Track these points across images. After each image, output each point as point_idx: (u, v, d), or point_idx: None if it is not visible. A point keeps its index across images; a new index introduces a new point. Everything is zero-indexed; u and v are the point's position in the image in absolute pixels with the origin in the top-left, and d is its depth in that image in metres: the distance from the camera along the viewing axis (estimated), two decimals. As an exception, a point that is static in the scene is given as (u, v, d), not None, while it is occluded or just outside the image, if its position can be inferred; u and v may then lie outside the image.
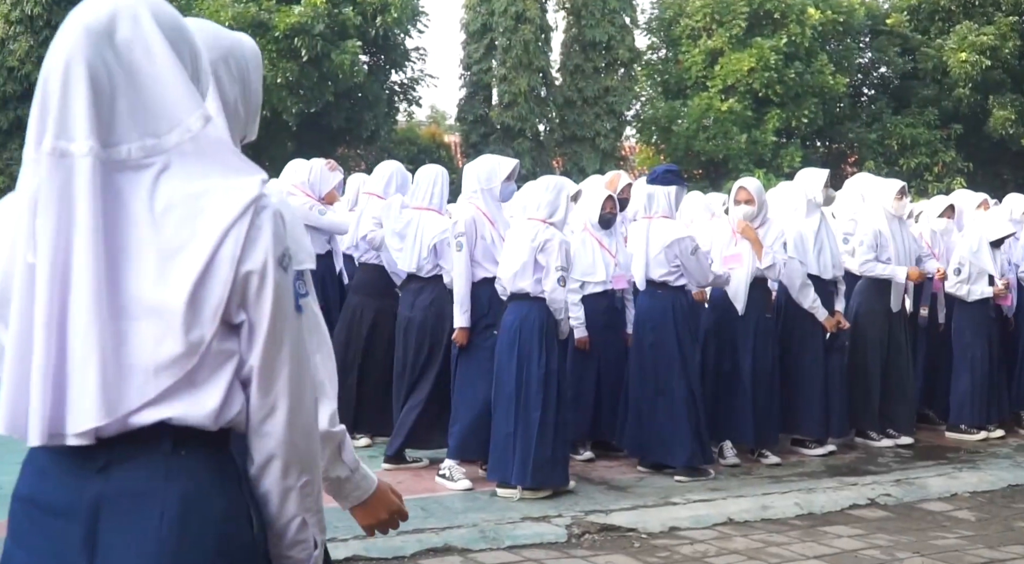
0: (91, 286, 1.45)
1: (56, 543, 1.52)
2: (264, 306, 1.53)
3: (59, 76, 1.51)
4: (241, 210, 1.51)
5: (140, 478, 1.51)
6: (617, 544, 5.18)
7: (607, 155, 26.05)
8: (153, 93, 1.54)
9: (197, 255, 1.48)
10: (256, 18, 21.07)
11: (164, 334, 1.48)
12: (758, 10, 24.21)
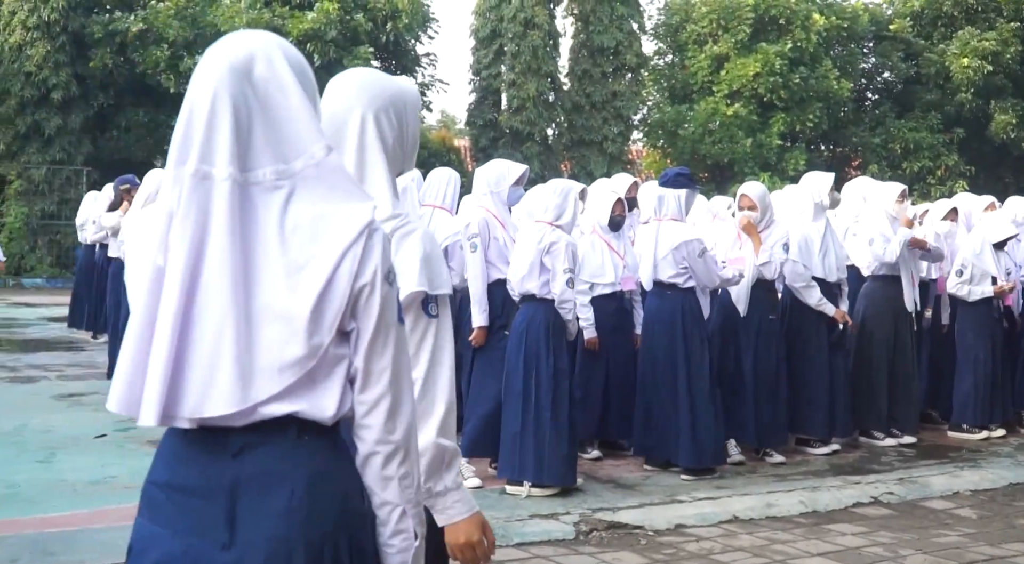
0: (228, 291, 1.64)
1: (199, 520, 1.69)
2: (371, 314, 1.74)
3: (206, 107, 1.70)
4: (357, 233, 1.71)
5: (271, 461, 1.70)
6: (624, 541, 5.18)
7: (614, 159, 26.03)
8: (284, 124, 1.74)
9: (320, 271, 1.68)
10: (270, 24, 21.12)
11: (289, 338, 1.67)
12: (763, 16, 24.21)
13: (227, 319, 1.64)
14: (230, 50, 1.78)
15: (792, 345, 7.23)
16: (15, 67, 23.06)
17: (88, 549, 4.60)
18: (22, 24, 23.03)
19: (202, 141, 1.69)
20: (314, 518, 1.71)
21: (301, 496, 1.70)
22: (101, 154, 23.94)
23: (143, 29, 22.86)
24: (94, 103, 23.98)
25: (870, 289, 7.77)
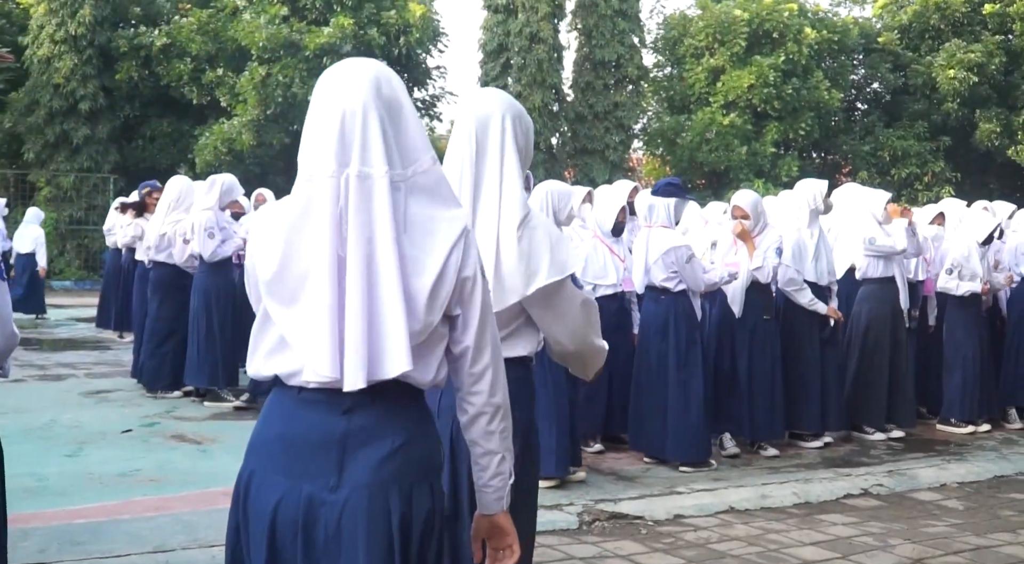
0: (395, 275, 1.89)
1: (312, 466, 1.94)
2: (476, 302, 2.03)
3: (359, 118, 1.94)
4: (459, 234, 1.99)
5: (375, 419, 1.97)
6: (625, 531, 5.17)
7: (616, 166, 26.02)
8: (406, 136, 2.01)
9: (434, 263, 1.95)
10: (288, 39, 21.15)
11: (410, 315, 1.91)
12: (757, 30, 24.20)
13: (398, 300, 1.89)
14: (361, 71, 2.01)
15: (786, 343, 7.22)
16: (44, 79, 23.12)
17: (114, 539, 4.60)
18: (50, 38, 23.09)
19: (360, 148, 1.92)
20: (407, 466, 1.97)
21: (397, 448, 1.96)
22: (127, 162, 23.98)
23: (167, 43, 22.90)
24: (120, 114, 24.03)
25: (870, 291, 7.73)
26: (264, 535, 1.97)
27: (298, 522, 1.94)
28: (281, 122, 21.91)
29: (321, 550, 1.93)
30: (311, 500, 1.93)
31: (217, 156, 21.55)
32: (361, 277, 1.88)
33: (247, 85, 21.41)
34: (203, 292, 8.30)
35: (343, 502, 1.92)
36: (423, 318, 1.93)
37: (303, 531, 1.94)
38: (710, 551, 4.89)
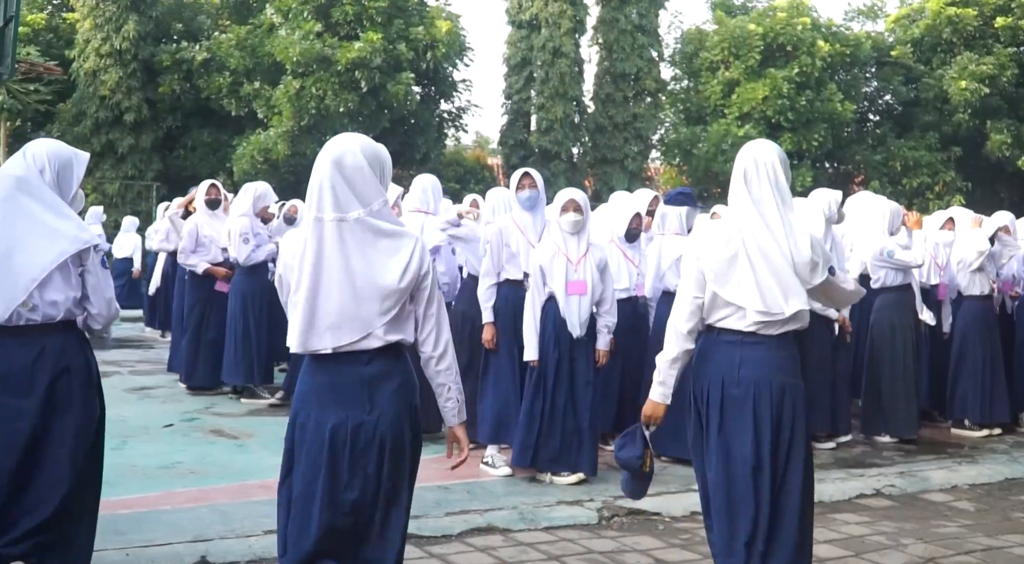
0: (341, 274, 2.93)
1: (350, 399, 2.95)
2: (426, 288, 3.03)
3: (329, 181, 2.93)
4: (414, 247, 2.99)
5: (386, 365, 2.99)
6: (643, 526, 5.15)
7: (634, 175, 25.98)
8: (363, 187, 2.94)
9: (399, 265, 2.95)
10: (320, 54, 21.24)
11: (386, 298, 2.94)
12: (771, 44, 24.09)
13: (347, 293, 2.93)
14: (336, 147, 2.98)
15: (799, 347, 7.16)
16: (91, 91, 23.33)
17: (156, 529, 4.63)
18: (96, 52, 23.30)
19: (331, 200, 2.91)
20: (407, 395, 3.02)
21: (399, 384, 3.00)
22: (169, 171, 24.17)
23: (207, 58, 23.06)
24: (163, 125, 24.22)
25: (889, 300, 7.59)
26: (326, 448, 2.92)
27: (347, 434, 2.92)
28: (314, 133, 22.00)
29: (362, 449, 2.93)
30: (355, 421, 2.93)
31: (254, 165, 21.67)
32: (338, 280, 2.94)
33: (282, 98, 21.52)
34: (240, 294, 8.35)
35: (376, 420, 2.94)
36: (395, 300, 2.96)
37: (351, 439, 2.92)
38: (726, 546, 4.86)
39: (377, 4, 21.83)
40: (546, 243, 6.05)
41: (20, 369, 3.53)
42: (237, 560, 4.31)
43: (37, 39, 24.22)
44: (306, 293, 2.91)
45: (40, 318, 3.52)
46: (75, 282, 3.57)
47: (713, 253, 3.55)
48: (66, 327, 3.63)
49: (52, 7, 26.82)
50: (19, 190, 3.56)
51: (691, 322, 3.65)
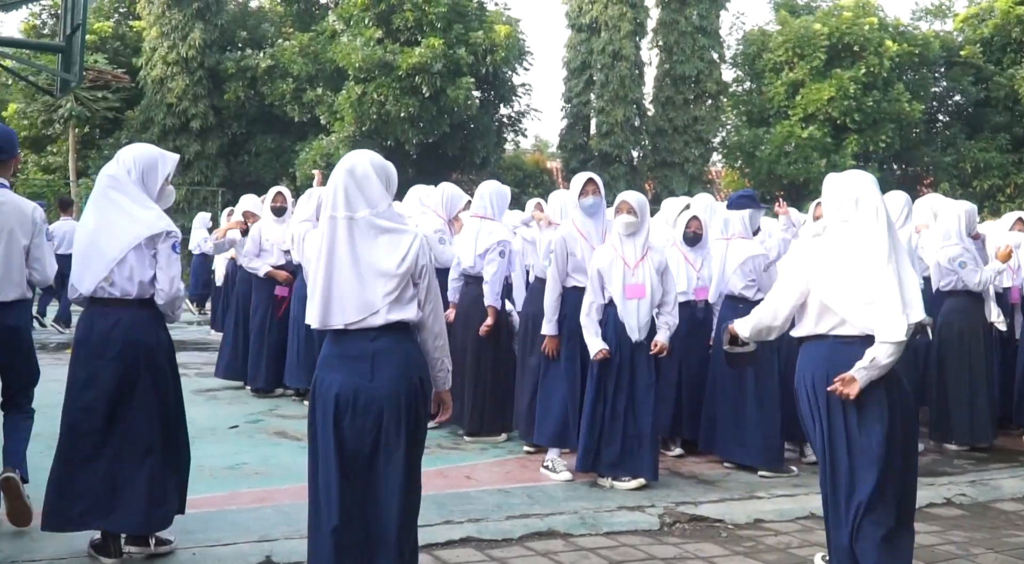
0: (350, 262, 3.42)
1: (356, 369, 3.42)
2: (426, 276, 3.51)
3: (342, 186, 3.46)
4: (414, 239, 3.49)
5: (391, 341, 3.44)
6: (705, 533, 5.11)
7: (695, 179, 25.80)
8: (370, 192, 3.48)
9: (398, 256, 3.44)
10: (382, 59, 21.46)
11: (387, 282, 3.42)
12: (837, 44, 23.76)
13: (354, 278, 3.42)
14: (350, 160, 3.54)
15: None
16: (158, 98, 23.85)
17: (223, 528, 4.71)
18: (163, 60, 23.81)
19: (344, 201, 3.45)
20: (409, 369, 3.46)
21: (404, 358, 3.46)
22: (234, 176, 24.60)
23: (271, 65, 23.44)
24: (228, 131, 24.67)
25: (960, 304, 7.36)
26: (331, 405, 3.41)
27: (350, 397, 3.39)
28: (375, 138, 22.22)
29: (362, 411, 3.38)
30: (357, 386, 3.40)
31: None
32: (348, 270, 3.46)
33: (344, 103, 21.78)
34: (301, 299, 8.41)
35: (375, 387, 3.40)
36: (397, 284, 3.43)
37: (352, 402, 3.39)
38: (791, 556, 4.81)
39: (437, 10, 21.99)
40: (604, 247, 6.04)
41: (99, 336, 4.15)
42: (300, 560, 4.34)
43: (104, 47, 24.83)
44: (322, 278, 3.44)
45: (119, 293, 4.15)
46: (148, 263, 4.16)
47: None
48: (141, 304, 4.19)
49: (119, 15, 27.47)
50: (110, 187, 4.23)
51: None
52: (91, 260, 4.16)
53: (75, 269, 4.20)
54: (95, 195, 4.26)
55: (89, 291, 4.16)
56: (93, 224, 4.21)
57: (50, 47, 16.47)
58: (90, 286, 4.15)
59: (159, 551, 4.29)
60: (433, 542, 4.66)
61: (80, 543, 4.37)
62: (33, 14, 26.09)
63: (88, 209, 4.31)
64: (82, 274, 4.18)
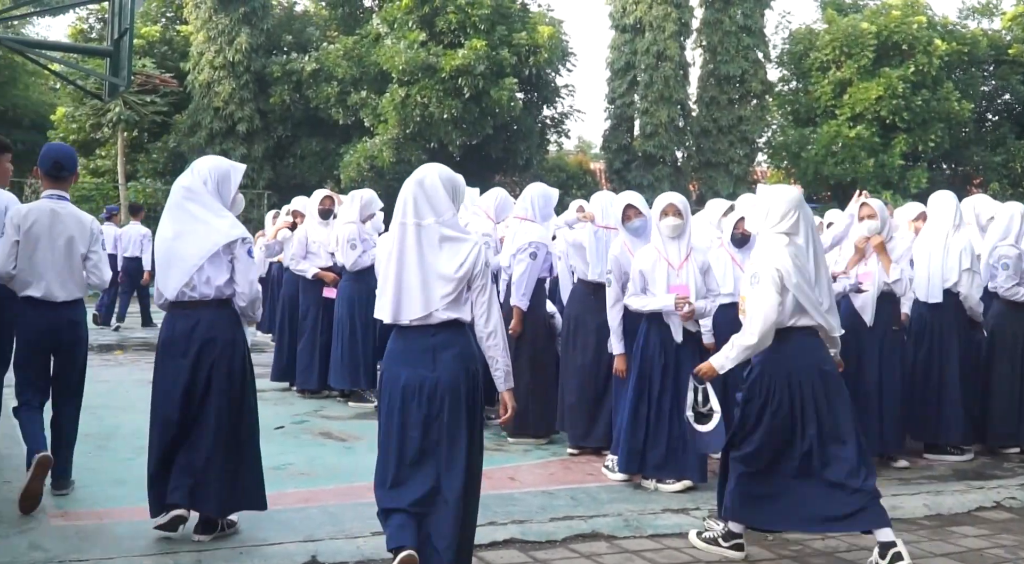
0: (416, 265, 3.80)
1: (419, 361, 3.81)
2: (481, 278, 3.86)
3: (412, 196, 3.86)
4: (473, 246, 3.85)
5: (449, 337, 3.83)
6: (751, 537, 5.06)
7: (740, 179, 25.62)
8: (437, 202, 3.87)
9: (459, 260, 3.81)
10: (425, 62, 21.57)
11: (446, 285, 3.80)
12: (886, 42, 23.47)
13: (419, 279, 3.82)
14: (421, 173, 3.93)
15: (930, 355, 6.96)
16: (205, 102, 24.16)
17: (269, 528, 4.76)
18: (210, 64, 24.11)
19: (412, 210, 3.85)
20: (466, 361, 3.85)
21: (460, 351, 3.84)
22: (279, 179, 24.85)
23: (316, 69, 23.65)
24: (273, 134, 24.93)
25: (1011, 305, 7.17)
26: (399, 395, 3.81)
27: (415, 388, 3.78)
28: (419, 140, 22.34)
29: (427, 399, 3.78)
30: (421, 377, 3.79)
31: (360, 172, 22.12)
32: (416, 271, 3.85)
33: (388, 106, 21.92)
34: (347, 300, 8.52)
35: (436, 378, 3.79)
36: (454, 287, 3.81)
37: (417, 391, 3.78)
38: (838, 560, 4.75)
39: (480, 11, 22.05)
40: (647, 249, 6.02)
41: (180, 335, 4.51)
42: (346, 560, 4.40)
43: (152, 51, 25.21)
44: (392, 278, 3.83)
45: (198, 296, 4.50)
46: (225, 267, 4.51)
47: None
48: (219, 305, 4.56)
49: (166, 20, 27.87)
50: (186, 198, 4.53)
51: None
52: (173, 267, 4.50)
53: (158, 277, 4.57)
54: (172, 205, 4.57)
55: (173, 297, 4.51)
56: (172, 233, 4.53)
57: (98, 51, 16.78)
58: (173, 292, 4.50)
59: (227, 533, 4.61)
60: (477, 543, 4.66)
61: (128, 544, 4.44)
62: (80, 18, 26.56)
63: (165, 219, 4.58)
64: (165, 281, 4.53)
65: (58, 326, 5.17)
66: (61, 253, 5.16)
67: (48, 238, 5.15)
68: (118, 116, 23.21)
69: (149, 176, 24.63)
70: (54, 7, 20.51)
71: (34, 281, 5.12)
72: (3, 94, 26.11)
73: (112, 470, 5.76)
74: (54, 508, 4.98)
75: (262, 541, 4.54)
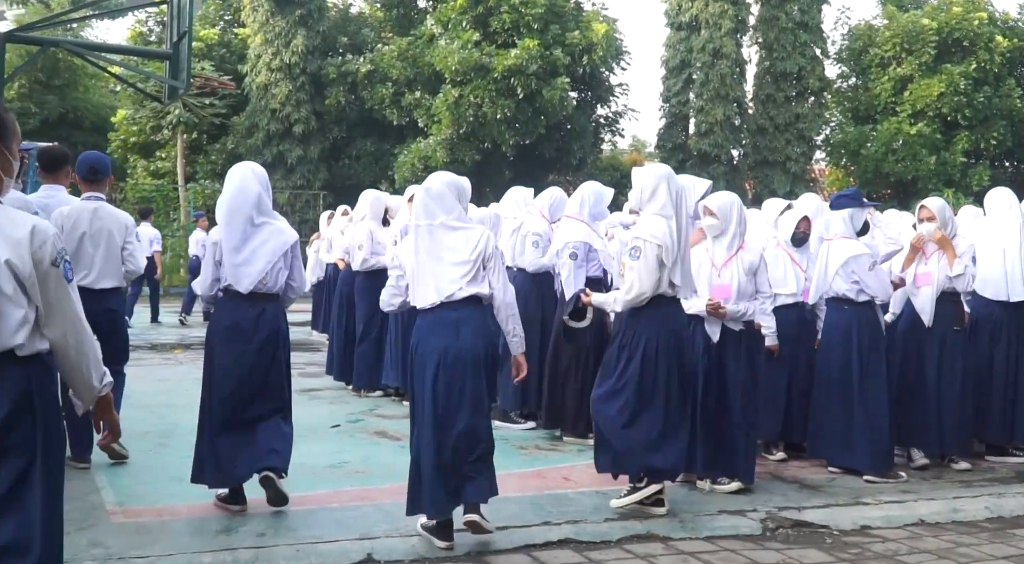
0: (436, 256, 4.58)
1: (445, 331, 4.50)
2: (494, 258, 4.62)
3: (422, 202, 4.65)
4: (483, 232, 4.64)
5: (470, 312, 4.54)
6: (810, 539, 5.00)
7: (797, 178, 25.32)
8: (445, 203, 4.63)
9: (472, 244, 4.59)
10: (478, 62, 21.63)
11: (464, 266, 4.55)
12: (947, 39, 23.05)
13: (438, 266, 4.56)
14: (428, 181, 4.68)
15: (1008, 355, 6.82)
16: (262, 104, 24.47)
17: (325, 525, 4.81)
18: (267, 66, 24.42)
19: (423, 212, 4.59)
20: (485, 332, 4.56)
21: (480, 323, 4.55)
22: (335, 180, 25.09)
23: (371, 70, 23.84)
24: (329, 136, 25.17)
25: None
26: (428, 360, 4.50)
27: (442, 354, 4.47)
28: (472, 140, 22.41)
29: (451, 364, 4.47)
30: (447, 345, 4.49)
31: (414, 172, 22.25)
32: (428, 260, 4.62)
33: (441, 106, 22.02)
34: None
35: (459, 346, 4.48)
36: (471, 267, 4.54)
37: (443, 357, 4.47)
38: (898, 563, 4.67)
39: (534, 11, 22.06)
40: (697, 249, 5.98)
41: (247, 322, 5.04)
42: (401, 559, 4.42)
43: (211, 54, 25.61)
44: (418, 271, 4.62)
45: (264, 289, 5.08)
46: (286, 265, 5.14)
47: None
48: (276, 297, 5.18)
49: (224, 23, 28.28)
50: (253, 209, 5.08)
51: None
52: (251, 265, 5.04)
53: (231, 273, 5.03)
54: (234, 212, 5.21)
55: (247, 289, 5.04)
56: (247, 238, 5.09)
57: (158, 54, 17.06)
58: (248, 286, 5.02)
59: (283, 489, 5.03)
60: (531, 543, 4.68)
61: (187, 540, 4.52)
62: (140, 21, 27.05)
63: (230, 226, 5.06)
64: (239, 277, 5.03)
65: (97, 310, 5.50)
66: (102, 246, 5.88)
67: (90, 234, 5.84)
68: (177, 118, 23.61)
69: (208, 177, 25.02)
70: (113, 10, 20.91)
71: (81, 272, 5.74)
72: (64, 96, 26.67)
73: (172, 467, 5.85)
74: (115, 505, 5.08)
75: (318, 539, 4.59)
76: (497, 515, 4.97)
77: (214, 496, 5.10)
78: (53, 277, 2.74)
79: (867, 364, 6.30)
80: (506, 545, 4.63)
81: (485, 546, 4.60)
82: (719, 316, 5.76)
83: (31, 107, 25.50)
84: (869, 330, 6.35)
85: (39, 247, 2.70)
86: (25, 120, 25.13)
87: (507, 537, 4.72)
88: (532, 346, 7.36)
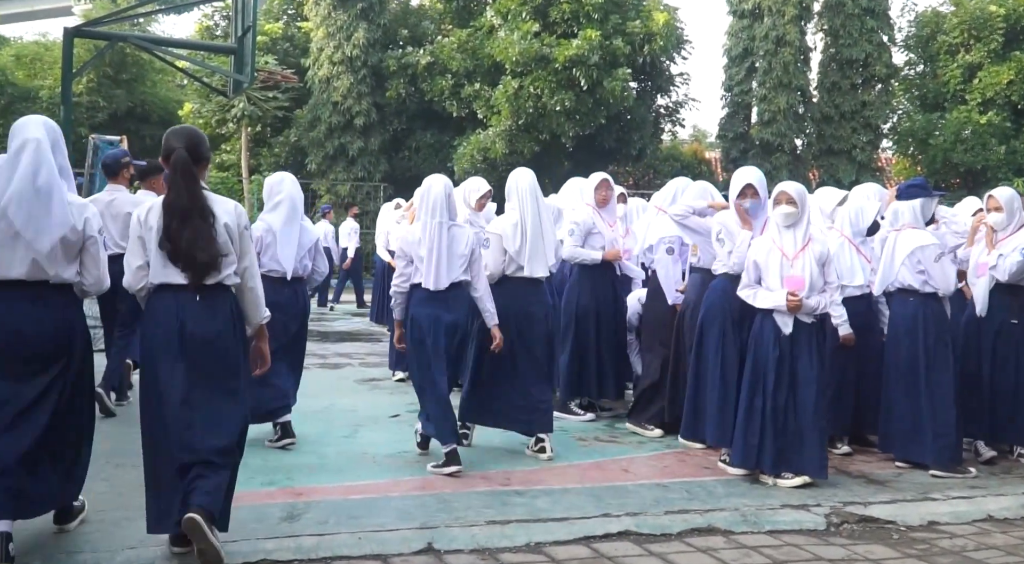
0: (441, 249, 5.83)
1: (438, 307, 5.78)
2: (476, 258, 5.97)
3: (440, 198, 5.90)
4: (469, 235, 5.97)
5: (457, 292, 5.86)
6: (876, 535, 4.92)
7: (863, 167, 24.85)
8: (455, 207, 6.05)
9: (465, 241, 5.89)
10: (539, 53, 21.56)
11: (461, 258, 5.87)
12: (1015, 25, 22.43)
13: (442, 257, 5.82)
14: (434, 179, 6.00)
15: None
16: (324, 97, 24.70)
17: (386, 514, 4.84)
18: (329, 59, 24.63)
19: (437, 210, 5.85)
20: (467, 307, 5.93)
21: (464, 301, 5.90)
22: (395, 172, 25.25)
23: (430, 62, 23.91)
24: (389, 128, 25.31)
25: None
26: (424, 327, 5.72)
27: (433, 321, 5.71)
28: (531, 132, 22.35)
29: (442, 330, 5.71)
30: (439, 315, 5.72)
31: (473, 164, 22.28)
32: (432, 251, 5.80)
33: (501, 98, 22.00)
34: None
35: (447, 318, 5.74)
36: (467, 259, 5.84)
37: (434, 324, 5.71)
38: (967, 559, 4.57)
39: (594, 1, 21.93)
40: (763, 239, 5.89)
41: (286, 300, 6.25)
42: (461, 548, 4.44)
43: (275, 48, 25.89)
44: (428, 258, 5.75)
45: (295, 272, 6.38)
46: (310, 252, 6.52)
47: None
48: (302, 280, 6.51)
49: (287, 17, 28.58)
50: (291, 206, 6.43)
51: None
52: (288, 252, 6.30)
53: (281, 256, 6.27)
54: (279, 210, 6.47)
55: (289, 273, 6.33)
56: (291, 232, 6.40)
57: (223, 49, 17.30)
58: (290, 269, 6.32)
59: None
60: (591, 534, 4.66)
61: (252, 527, 4.58)
62: (206, 15, 27.44)
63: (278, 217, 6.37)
64: (284, 261, 6.30)
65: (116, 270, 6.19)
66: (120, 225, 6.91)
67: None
68: (242, 112, 23.93)
69: (271, 170, 25.32)
70: (179, 4, 21.21)
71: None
72: (132, 91, 27.16)
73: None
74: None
75: (379, 527, 4.62)
76: (556, 506, 4.97)
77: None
78: (245, 237, 4.24)
79: (933, 357, 6.17)
80: (565, 536, 4.62)
81: (544, 536, 4.59)
82: (797, 311, 5.68)
83: (100, 101, 26.01)
84: (935, 322, 6.22)
85: (240, 215, 4.21)
86: (94, 114, 25.68)
87: (566, 528, 4.71)
88: (586, 337, 7.39)
